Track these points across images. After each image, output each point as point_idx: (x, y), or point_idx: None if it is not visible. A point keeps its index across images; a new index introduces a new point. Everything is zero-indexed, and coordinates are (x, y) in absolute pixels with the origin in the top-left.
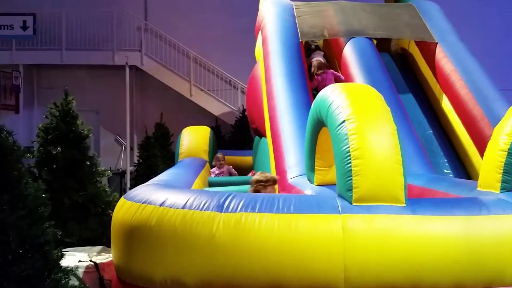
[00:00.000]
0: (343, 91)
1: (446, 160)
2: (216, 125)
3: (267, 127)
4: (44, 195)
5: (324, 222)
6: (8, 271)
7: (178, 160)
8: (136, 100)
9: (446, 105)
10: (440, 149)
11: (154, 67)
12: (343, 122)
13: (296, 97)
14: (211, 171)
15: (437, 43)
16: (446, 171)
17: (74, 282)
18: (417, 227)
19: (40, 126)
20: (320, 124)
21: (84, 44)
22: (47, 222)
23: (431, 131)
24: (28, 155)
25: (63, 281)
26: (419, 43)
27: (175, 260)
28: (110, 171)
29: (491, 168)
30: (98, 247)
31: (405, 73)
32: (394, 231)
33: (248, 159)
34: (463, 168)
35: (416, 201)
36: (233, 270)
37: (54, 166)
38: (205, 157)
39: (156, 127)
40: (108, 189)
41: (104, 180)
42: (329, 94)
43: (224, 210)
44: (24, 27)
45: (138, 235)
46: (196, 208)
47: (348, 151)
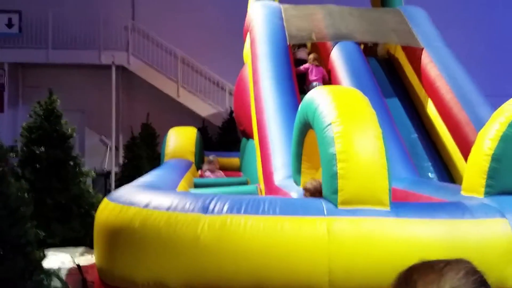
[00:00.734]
0: (330, 94)
1: (430, 163)
2: (203, 126)
3: (254, 129)
4: (26, 195)
5: (309, 225)
6: None
7: (164, 161)
8: (122, 100)
9: (431, 109)
10: (425, 152)
11: (141, 67)
12: (329, 125)
13: (283, 99)
14: (206, 175)
15: (423, 49)
16: (430, 174)
17: (56, 283)
18: (401, 230)
19: (23, 125)
20: (306, 127)
21: (70, 43)
22: (29, 223)
23: (416, 135)
24: (11, 154)
25: (45, 282)
26: (405, 48)
27: (159, 263)
28: (94, 171)
29: (475, 172)
30: (81, 248)
31: (391, 77)
32: (378, 234)
33: (235, 160)
34: (448, 172)
35: (400, 204)
36: (217, 272)
37: (37, 165)
38: (191, 158)
39: (142, 127)
40: (92, 190)
41: (88, 180)
42: (315, 97)
43: (209, 212)
44: (10, 25)
45: (121, 237)
46: (181, 210)
47: (334, 154)
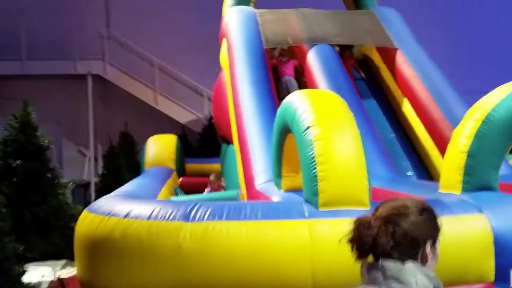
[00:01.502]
0: (308, 98)
1: (408, 162)
2: (183, 133)
3: (234, 134)
4: (3, 209)
5: (291, 228)
6: None
7: (144, 170)
8: (100, 109)
9: (408, 108)
10: (403, 151)
11: (117, 75)
12: (308, 128)
13: (262, 104)
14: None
15: (397, 49)
16: (408, 173)
17: None
18: None
19: None
20: (286, 131)
21: (45, 54)
22: (6, 237)
23: (394, 134)
24: None
25: None
26: (380, 49)
27: (141, 273)
28: (73, 183)
29: (452, 169)
30: (62, 261)
31: (367, 78)
32: None
33: (216, 166)
34: (425, 170)
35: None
36: (201, 280)
37: (14, 179)
38: (172, 165)
39: (120, 136)
40: (70, 201)
41: (67, 192)
42: (293, 101)
43: (190, 219)
44: None
45: (102, 248)
46: (162, 218)
47: (313, 157)
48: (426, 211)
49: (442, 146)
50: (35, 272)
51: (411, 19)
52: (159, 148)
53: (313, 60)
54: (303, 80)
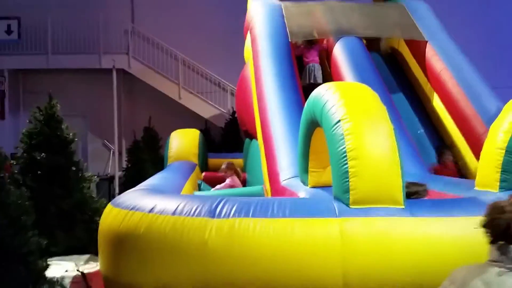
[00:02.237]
0: (338, 90)
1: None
2: (205, 127)
3: (258, 129)
4: (27, 203)
5: (321, 226)
6: None
7: (168, 164)
8: (124, 104)
9: (437, 103)
10: (432, 148)
11: (141, 70)
12: (339, 122)
13: (287, 97)
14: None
15: (427, 42)
16: None
17: None
18: (416, 229)
19: (23, 131)
20: (314, 125)
21: (70, 48)
22: (30, 232)
23: (423, 130)
24: (12, 161)
25: None
26: (409, 42)
27: (166, 270)
28: (98, 176)
29: (489, 167)
30: (86, 256)
31: (395, 72)
32: (393, 234)
33: (238, 161)
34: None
35: (414, 202)
36: (227, 278)
37: (38, 172)
38: (194, 160)
39: (144, 131)
40: (94, 195)
41: (92, 186)
42: (323, 93)
43: (216, 215)
44: (9, 31)
45: (126, 244)
46: (187, 214)
47: (345, 152)
48: None
49: (473, 142)
50: (58, 267)
51: (440, 12)
52: (182, 142)
53: (339, 53)
54: (327, 64)
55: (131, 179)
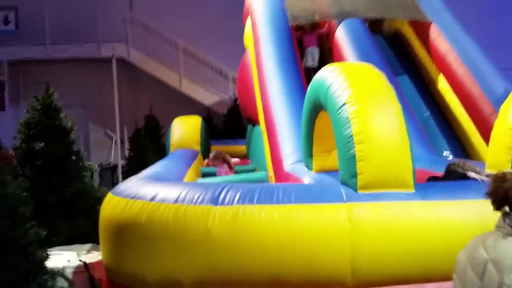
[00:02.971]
0: (342, 71)
1: (444, 141)
2: (207, 115)
3: (260, 115)
4: (25, 193)
5: (328, 212)
6: None
7: (170, 152)
8: (125, 92)
9: (443, 85)
10: (438, 130)
11: (141, 58)
12: (344, 104)
13: (289, 82)
14: (219, 170)
15: (431, 23)
16: (444, 152)
17: (62, 283)
18: (428, 214)
19: (21, 121)
20: (318, 108)
21: (69, 38)
22: (29, 222)
23: (429, 113)
24: (11, 151)
25: (50, 283)
26: (412, 23)
27: (168, 259)
28: (100, 165)
29: (500, 148)
30: (88, 245)
31: (399, 54)
32: (403, 219)
33: (241, 148)
34: (462, 149)
35: (425, 185)
36: (231, 266)
37: (37, 162)
38: (197, 147)
39: (146, 119)
40: (95, 184)
41: (95, 175)
42: (327, 75)
43: (219, 203)
44: (6, 22)
45: (128, 233)
46: (190, 202)
47: (351, 135)
48: None
49: (480, 123)
50: (59, 257)
51: None
52: (184, 130)
53: (342, 36)
54: (328, 47)
55: (134, 167)
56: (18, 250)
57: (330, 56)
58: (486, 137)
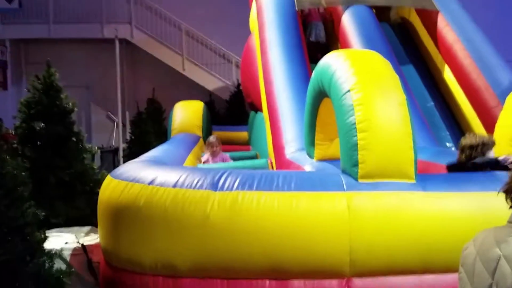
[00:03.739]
0: (348, 58)
1: (448, 132)
2: (210, 100)
3: (263, 101)
4: (23, 173)
5: (327, 201)
6: None
7: (171, 136)
8: (127, 74)
9: (448, 75)
10: (442, 121)
11: (144, 40)
12: (348, 92)
13: (293, 69)
14: (203, 160)
15: (438, 12)
16: (448, 144)
17: (60, 265)
18: (428, 205)
19: (21, 100)
20: (321, 95)
21: (72, 17)
22: (27, 203)
23: (433, 103)
24: (11, 131)
25: (47, 264)
26: (420, 12)
27: (166, 243)
28: (101, 148)
29: (505, 140)
30: (87, 228)
31: (405, 43)
32: (403, 210)
33: (243, 134)
34: None
35: (426, 176)
36: (229, 253)
37: (38, 142)
38: (198, 132)
39: (148, 102)
40: (95, 166)
41: (96, 157)
42: (331, 62)
43: (218, 188)
44: (9, 0)
45: (126, 216)
46: (188, 186)
47: (354, 124)
48: None
49: (484, 115)
50: (58, 239)
51: None
52: (186, 114)
53: (348, 22)
54: (331, 20)
55: (135, 151)
56: (15, 230)
57: (332, 30)
58: (490, 129)
